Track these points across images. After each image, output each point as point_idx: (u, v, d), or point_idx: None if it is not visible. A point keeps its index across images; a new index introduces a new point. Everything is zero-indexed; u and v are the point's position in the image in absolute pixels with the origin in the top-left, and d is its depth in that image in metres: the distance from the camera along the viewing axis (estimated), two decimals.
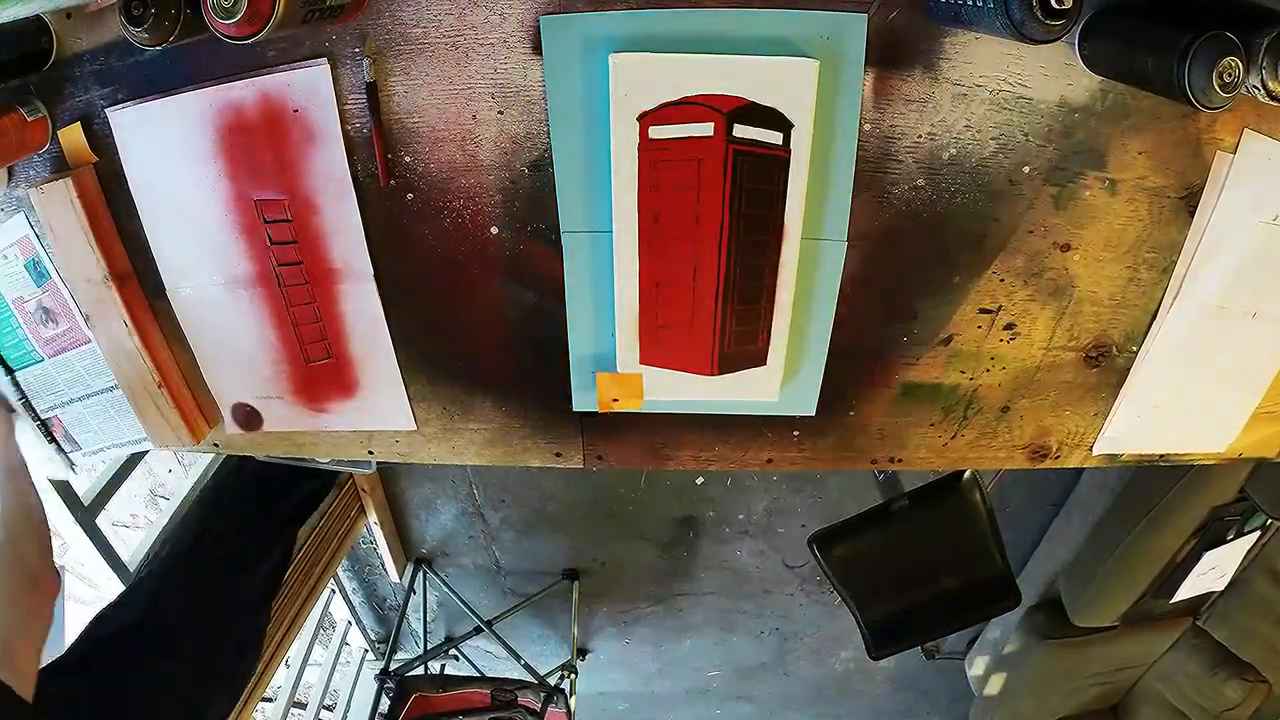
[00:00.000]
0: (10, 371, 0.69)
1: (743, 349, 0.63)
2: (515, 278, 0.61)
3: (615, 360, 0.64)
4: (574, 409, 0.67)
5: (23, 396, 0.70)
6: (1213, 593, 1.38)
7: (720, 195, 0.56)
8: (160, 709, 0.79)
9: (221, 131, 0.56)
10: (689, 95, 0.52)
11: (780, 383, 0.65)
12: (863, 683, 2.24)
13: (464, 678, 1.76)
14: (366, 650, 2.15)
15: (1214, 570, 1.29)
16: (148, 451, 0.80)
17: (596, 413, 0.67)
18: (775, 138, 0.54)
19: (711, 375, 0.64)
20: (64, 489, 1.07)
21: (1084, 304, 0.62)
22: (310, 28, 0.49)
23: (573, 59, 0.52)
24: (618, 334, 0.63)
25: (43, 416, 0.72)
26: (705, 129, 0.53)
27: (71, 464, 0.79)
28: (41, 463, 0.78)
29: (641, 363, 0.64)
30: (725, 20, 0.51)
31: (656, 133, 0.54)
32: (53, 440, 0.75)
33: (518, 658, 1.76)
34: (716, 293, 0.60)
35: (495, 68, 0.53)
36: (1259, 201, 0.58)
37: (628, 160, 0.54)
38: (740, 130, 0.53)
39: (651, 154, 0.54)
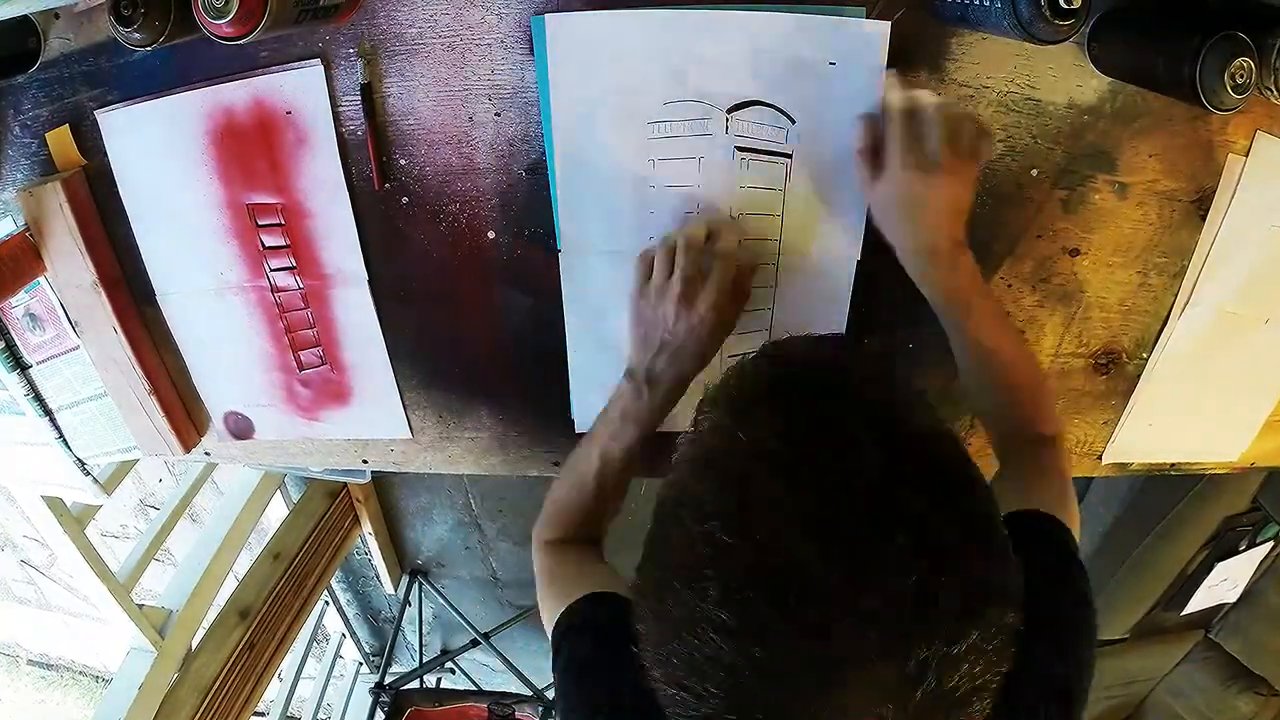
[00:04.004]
0: (24, 368, 0.68)
1: None
2: (513, 283, 0.60)
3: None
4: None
5: (34, 393, 0.69)
6: (1224, 604, 1.36)
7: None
8: None
9: (213, 134, 0.55)
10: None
11: None
12: None
13: (461, 691, 1.74)
14: (361, 663, 2.12)
15: (1226, 582, 1.27)
16: (138, 460, 0.79)
17: None
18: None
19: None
20: (52, 498, 1.05)
21: (1093, 310, 0.61)
22: (304, 28, 0.48)
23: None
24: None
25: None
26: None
27: (103, 489, 0.78)
28: (73, 490, 0.77)
29: None
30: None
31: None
32: (88, 473, 0.74)
33: (516, 671, 1.73)
34: None
35: (492, 68, 0.52)
36: (1272, 205, 0.57)
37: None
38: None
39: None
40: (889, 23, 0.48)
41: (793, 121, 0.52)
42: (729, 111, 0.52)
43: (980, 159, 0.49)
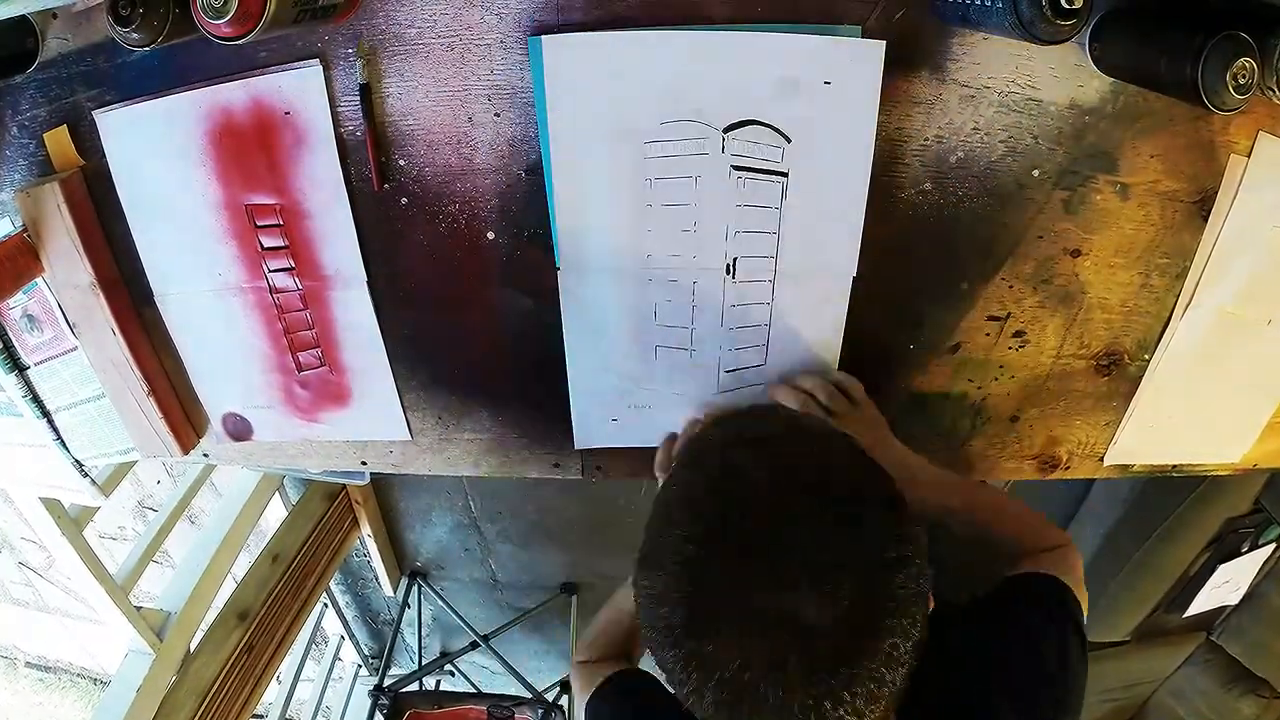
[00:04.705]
0: (22, 369, 0.67)
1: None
2: (512, 284, 0.60)
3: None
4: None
5: (32, 394, 0.68)
6: (1226, 607, 1.35)
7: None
8: None
9: (211, 134, 0.55)
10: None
11: None
12: None
13: (460, 694, 1.73)
14: (360, 666, 2.11)
15: (1228, 584, 1.27)
16: (136, 462, 0.79)
17: None
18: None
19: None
20: (50, 499, 1.04)
21: (1095, 311, 0.61)
22: (302, 28, 0.48)
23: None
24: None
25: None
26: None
27: (101, 491, 0.77)
28: (71, 492, 0.76)
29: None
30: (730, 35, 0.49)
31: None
32: (85, 475, 0.74)
33: (515, 673, 1.72)
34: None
35: (492, 69, 0.52)
36: (1274, 206, 0.57)
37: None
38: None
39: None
40: (884, 42, 0.48)
41: (789, 141, 0.52)
42: (725, 131, 0.51)
43: (856, 396, 0.58)
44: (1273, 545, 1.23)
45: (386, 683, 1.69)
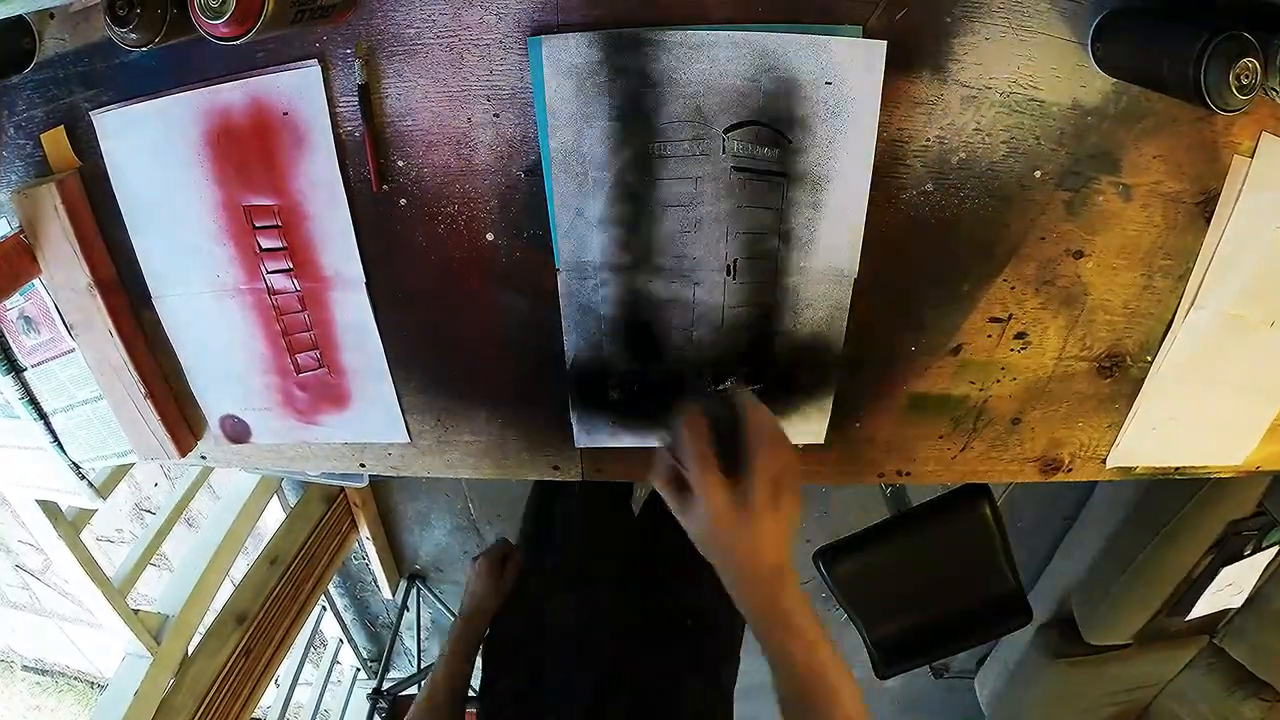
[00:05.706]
0: (18, 371, 0.67)
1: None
2: (512, 286, 0.59)
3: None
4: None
5: (29, 396, 0.68)
6: (1229, 610, 1.35)
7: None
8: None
9: (209, 135, 0.55)
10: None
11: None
12: (869, 702, 2.18)
13: None
14: (358, 669, 2.10)
15: (1231, 587, 1.26)
16: (133, 464, 0.78)
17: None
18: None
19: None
20: (47, 502, 1.04)
21: (1097, 313, 0.61)
22: (301, 28, 0.47)
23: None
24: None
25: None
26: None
27: (98, 494, 0.77)
28: (68, 494, 0.76)
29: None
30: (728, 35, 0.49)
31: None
32: (83, 477, 0.74)
33: None
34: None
35: (491, 69, 0.52)
36: (1277, 207, 0.56)
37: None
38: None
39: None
40: (885, 42, 0.48)
41: (789, 141, 0.52)
42: (725, 131, 0.51)
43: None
44: (1276, 548, 1.22)
45: (385, 686, 1.69)
